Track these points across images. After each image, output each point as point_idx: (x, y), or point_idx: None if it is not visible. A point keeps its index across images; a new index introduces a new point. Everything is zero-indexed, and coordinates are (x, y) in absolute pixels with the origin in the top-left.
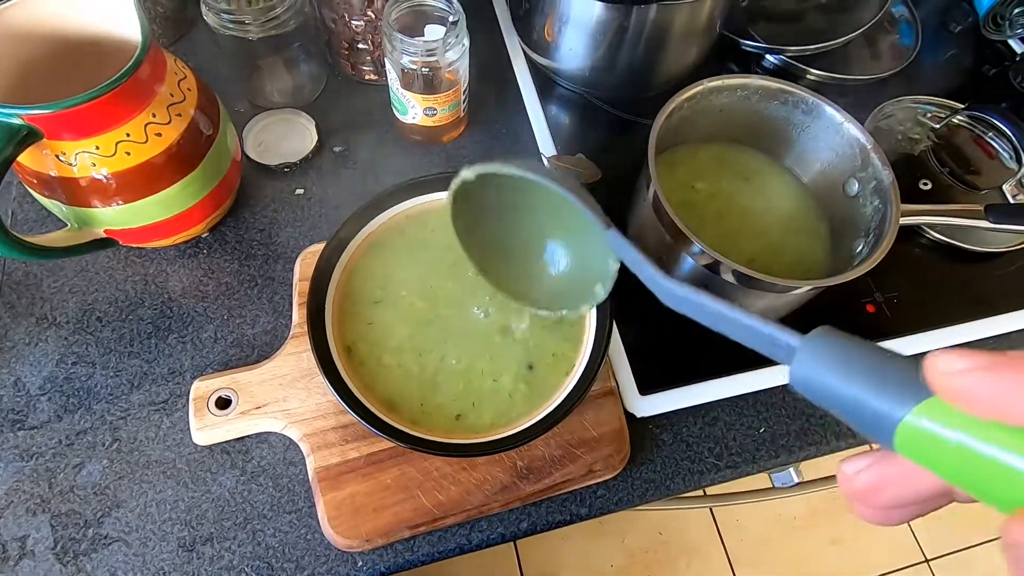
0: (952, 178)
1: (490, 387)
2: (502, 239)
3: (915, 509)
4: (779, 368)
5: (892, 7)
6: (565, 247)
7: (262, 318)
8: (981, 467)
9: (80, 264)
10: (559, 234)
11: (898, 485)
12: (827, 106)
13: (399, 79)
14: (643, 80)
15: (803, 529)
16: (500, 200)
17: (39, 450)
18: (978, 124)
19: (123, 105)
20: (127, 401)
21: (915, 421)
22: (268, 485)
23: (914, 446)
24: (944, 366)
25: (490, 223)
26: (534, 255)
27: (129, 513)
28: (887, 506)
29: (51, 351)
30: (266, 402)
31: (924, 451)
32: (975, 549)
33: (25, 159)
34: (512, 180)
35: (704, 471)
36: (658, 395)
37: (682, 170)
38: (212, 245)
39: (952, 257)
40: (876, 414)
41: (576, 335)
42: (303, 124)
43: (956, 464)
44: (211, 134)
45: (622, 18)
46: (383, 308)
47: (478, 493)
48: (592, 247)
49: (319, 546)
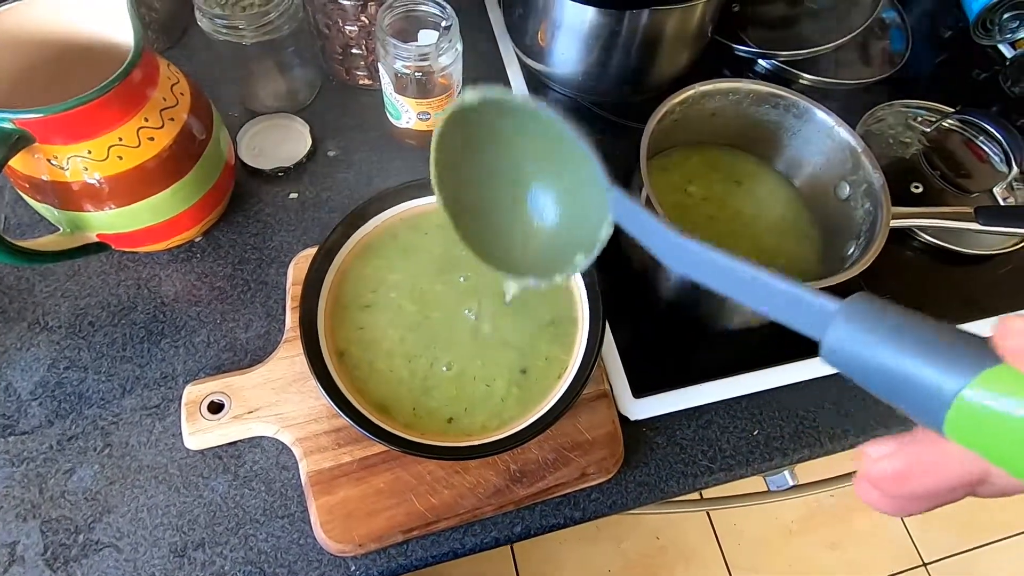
0: (943, 181)
1: (482, 392)
2: (485, 186)
3: (933, 501)
4: (773, 371)
5: (883, 13)
6: (554, 202)
7: (255, 322)
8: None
9: (72, 268)
10: (550, 186)
11: (926, 474)
12: (818, 110)
13: (393, 84)
14: (636, 84)
15: (800, 533)
16: (492, 139)
17: (30, 455)
18: (969, 128)
19: (115, 109)
20: (119, 406)
21: (974, 395)
22: (261, 489)
23: (968, 425)
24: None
25: (474, 166)
26: (517, 207)
27: (120, 518)
28: (909, 496)
29: (43, 356)
30: (259, 406)
31: (979, 431)
32: (973, 552)
33: (17, 163)
34: (510, 118)
35: (698, 474)
36: (652, 398)
37: (674, 174)
38: (205, 249)
39: (944, 260)
40: (927, 389)
41: (569, 338)
42: (297, 128)
43: (1015, 444)
44: (204, 139)
45: (614, 23)
46: (374, 312)
47: (471, 497)
48: (584, 208)
49: (312, 551)
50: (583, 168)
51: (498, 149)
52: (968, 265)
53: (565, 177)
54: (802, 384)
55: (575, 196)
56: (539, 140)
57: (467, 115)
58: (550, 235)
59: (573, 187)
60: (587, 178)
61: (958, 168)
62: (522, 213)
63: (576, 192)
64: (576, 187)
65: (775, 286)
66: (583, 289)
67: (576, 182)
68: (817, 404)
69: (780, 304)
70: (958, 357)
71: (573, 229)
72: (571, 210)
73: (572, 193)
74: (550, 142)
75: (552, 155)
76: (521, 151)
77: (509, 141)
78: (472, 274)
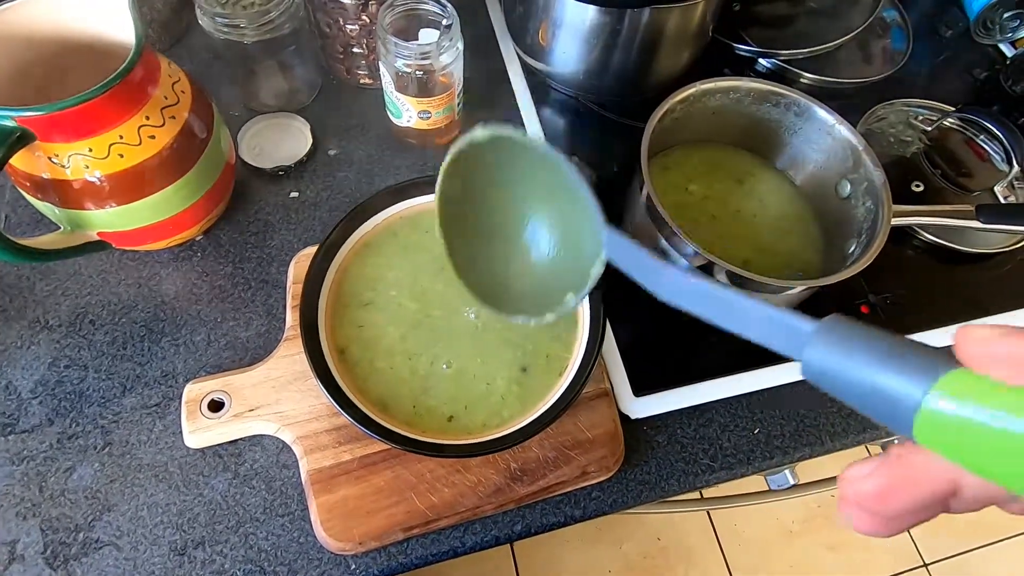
0: (944, 180)
1: (483, 390)
2: (483, 223)
3: (912, 518)
4: (773, 369)
5: (883, 12)
6: (551, 239)
7: (255, 321)
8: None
9: (73, 267)
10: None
11: (908, 488)
12: (819, 108)
13: (393, 82)
14: (636, 83)
15: (801, 535)
16: (495, 176)
17: (30, 454)
18: (969, 127)
19: (116, 107)
20: (119, 404)
21: (936, 400)
22: (261, 488)
23: (934, 430)
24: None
25: (475, 203)
26: (514, 243)
27: (120, 517)
28: (893, 513)
29: (43, 354)
30: (259, 405)
31: (944, 434)
32: (973, 553)
33: (18, 161)
34: (516, 156)
35: (699, 472)
36: (652, 396)
37: (675, 172)
38: (206, 248)
39: (945, 258)
40: (894, 398)
41: (569, 336)
42: (298, 127)
43: (977, 445)
44: (205, 137)
45: (615, 22)
46: (374, 310)
47: (471, 495)
48: (579, 247)
49: (312, 549)
50: (580, 207)
51: (500, 186)
52: (969, 263)
53: (563, 215)
54: (803, 383)
55: (571, 234)
56: (541, 178)
57: (474, 151)
58: (544, 273)
59: (570, 225)
60: (583, 217)
61: (959, 167)
62: (519, 250)
63: (572, 230)
64: (573, 225)
65: (756, 311)
66: None
67: (573, 220)
68: (818, 403)
69: (762, 328)
70: (919, 366)
71: (567, 267)
72: (567, 248)
73: (568, 231)
74: (551, 181)
75: (552, 193)
76: (523, 188)
77: (512, 179)
78: None
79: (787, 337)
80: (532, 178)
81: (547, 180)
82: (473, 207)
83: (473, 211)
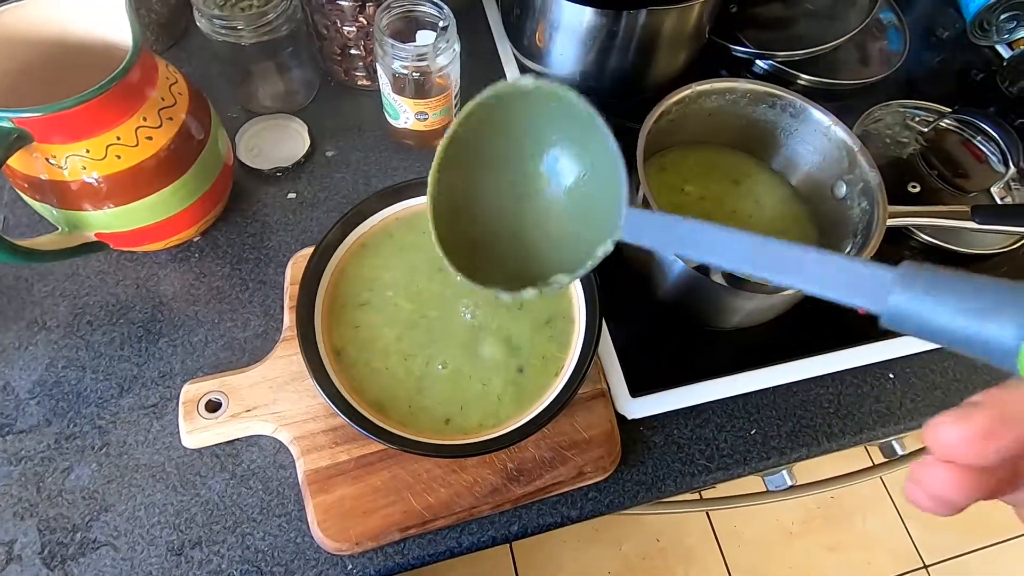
0: (941, 181)
1: (478, 391)
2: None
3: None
4: (769, 370)
5: (880, 13)
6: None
7: (253, 321)
8: None
9: (71, 268)
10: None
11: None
12: (814, 109)
13: (390, 84)
14: (633, 85)
15: (800, 536)
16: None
17: (27, 454)
18: (966, 128)
19: (113, 109)
20: (117, 405)
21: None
22: (258, 488)
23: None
24: None
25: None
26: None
27: (118, 517)
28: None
29: (41, 355)
30: (256, 405)
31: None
32: (974, 555)
33: (15, 163)
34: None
35: (695, 473)
36: (649, 397)
37: (671, 173)
38: (204, 249)
39: (942, 259)
40: (991, 338)
41: (565, 337)
42: (295, 129)
43: None
44: (202, 138)
45: (612, 24)
46: (370, 311)
47: (468, 495)
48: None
49: (309, 549)
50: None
51: (520, 141)
52: (966, 265)
53: (584, 185)
54: (799, 383)
55: (585, 207)
56: (573, 142)
57: (509, 99)
58: (541, 244)
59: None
60: (605, 190)
61: (955, 168)
62: (519, 213)
63: (587, 202)
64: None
65: (827, 263)
66: (580, 287)
67: (593, 192)
68: (814, 403)
69: (831, 281)
70: (1013, 303)
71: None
72: (574, 222)
73: (583, 203)
74: (584, 148)
75: (579, 160)
76: (546, 149)
77: (538, 136)
78: None
79: (863, 288)
80: (563, 140)
81: (579, 146)
82: (481, 159)
83: (480, 163)
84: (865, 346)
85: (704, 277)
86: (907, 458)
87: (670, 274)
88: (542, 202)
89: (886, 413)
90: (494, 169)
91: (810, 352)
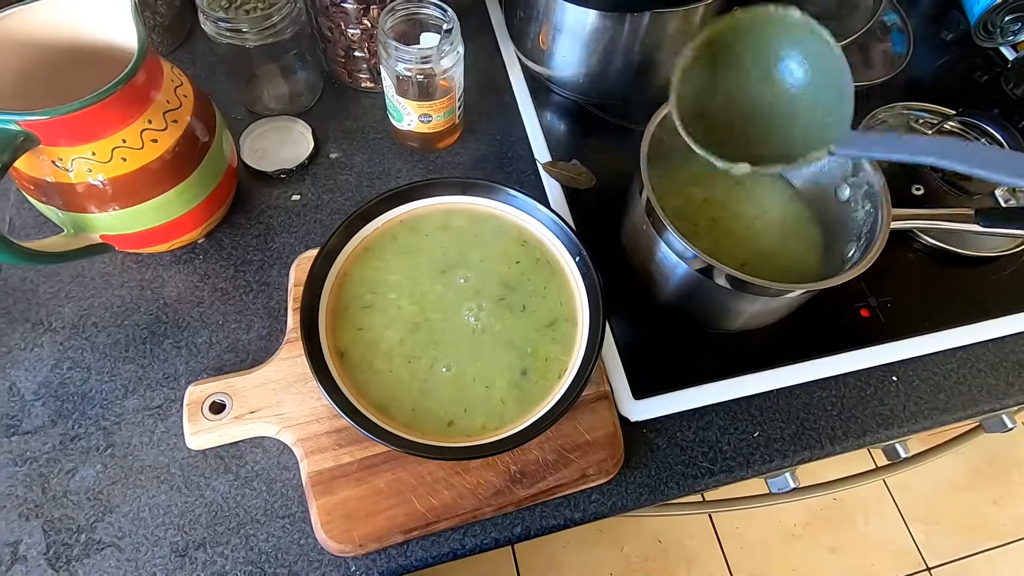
0: (944, 183)
1: (482, 393)
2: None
3: None
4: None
5: (884, 15)
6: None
7: (257, 323)
8: None
9: (76, 269)
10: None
11: None
12: None
13: (394, 86)
14: (637, 87)
15: (802, 537)
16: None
17: (33, 455)
18: (970, 130)
19: (119, 111)
20: (121, 406)
21: None
22: (261, 490)
23: None
24: None
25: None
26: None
27: (122, 518)
28: None
29: (46, 356)
30: (260, 407)
31: None
32: (976, 557)
33: (22, 165)
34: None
35: (698, 476)
36: (652, 399)
37: (675, 176)
38: (208, 251)
39: (945, 262)
40: None
41: (569, 339)
42: (300, 131)
43: None
44: (207, 140)
45: (615, 26)
46: (373, 313)
47: (471, 497)
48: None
49: (312, 551)
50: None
51: (758, 50)
52: (969, 267)
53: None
54: (802, 386)
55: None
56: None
57: (758, 22)
58: (776, 135)
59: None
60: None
61: None
62: (759, 107)
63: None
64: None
65: (997, 152)
66: (583, 289)
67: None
68: (817, 406)
69: (1003, 165)
70: None
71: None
72: (803, 118)
73: (810, 110)
74: (817, 63)
75: (811, 73)
76: (776, 64)
77: (773, 45)
78: (472, 275)
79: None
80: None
81: (817, 72)
82: (727, 60)
83: (725, 64)
84: (868, 349)
85: (707, 279)
86: (910, 461)
87: (673, 277)
88: (774, 101)
89: (889, 416)
90: (737, 69)
91: (813, 355)
